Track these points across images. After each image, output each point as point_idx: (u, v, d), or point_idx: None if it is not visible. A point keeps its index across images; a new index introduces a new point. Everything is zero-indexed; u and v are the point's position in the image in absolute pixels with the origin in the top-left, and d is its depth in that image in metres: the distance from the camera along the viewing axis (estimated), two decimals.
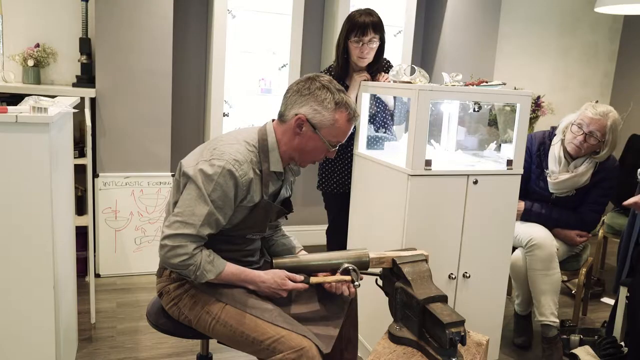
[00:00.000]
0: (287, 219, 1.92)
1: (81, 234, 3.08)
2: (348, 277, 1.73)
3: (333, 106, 1.67)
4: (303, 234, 3.98)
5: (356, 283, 1.72)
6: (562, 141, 2.73)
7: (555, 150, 2.74)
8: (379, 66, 2.63)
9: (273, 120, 1.78)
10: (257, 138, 1.73)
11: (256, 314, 1.65)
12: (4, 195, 1.69)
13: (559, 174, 2.71)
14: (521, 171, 2.39)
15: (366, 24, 2.51)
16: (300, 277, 1.71)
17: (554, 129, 2.84)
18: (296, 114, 1.68)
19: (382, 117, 2.72)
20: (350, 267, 1.74)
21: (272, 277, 1.69)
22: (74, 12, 3.39)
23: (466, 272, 2.35)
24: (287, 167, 1.79)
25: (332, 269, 1.78)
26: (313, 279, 1.73)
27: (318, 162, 1.79)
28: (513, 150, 2.36)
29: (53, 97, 2.21)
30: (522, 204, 2.76)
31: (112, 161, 3.35)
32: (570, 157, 2.72)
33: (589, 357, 2.45)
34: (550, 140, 2.80)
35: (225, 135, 1.77)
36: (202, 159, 1.64)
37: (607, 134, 2.60)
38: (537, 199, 2.81)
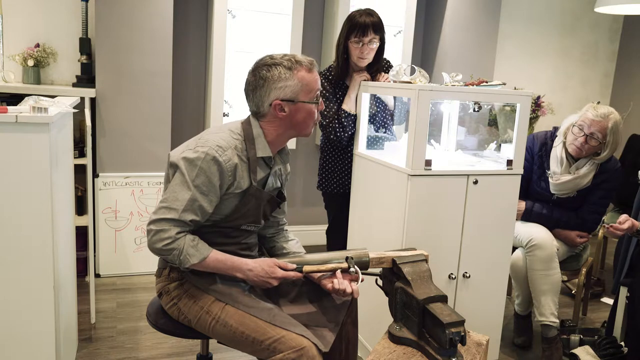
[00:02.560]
0: (280, 207, 1.92)
1: (81, 234, 3.08)
2: (344, 264, 1.71)
3: (289, 73, 1.68)
4: (303, 234, 3.98)
5: (352, 269, 1.70)
6: (564, 142, 2.73)
7: (557, 151, 2.74)
8: (379, 66, 2.63)
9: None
10: (241, 127, 1.75)
11: (256, 314, 1.65)
12: (4, 195, 1.69)
13: (560, 175, 2.71)
14: (521, 171, 2.39)
15: (366, 25, 2.51)
16: (292, 266, 1.70)
17: (556, 129, 2.83)
18: (270, 104, 1.70)
19: (382, 117, 2.72)
20: (350, 260, 1.73)
21: (259, 264, 1.67)
22: (74, 12, 3.39)
23: (466, 272, 2.35)
24: (275, 155, 1.80)
25: (332, 269, 1.78)
26: (307, 267, 1.70)
27: (317, 122, 1.83)
28: (513, 150, 2.36)
29: (53, 97, 2.21)
30: (523, 204, 2.76)
31: (112, 161, 3.35)
32: (572, 159, 2.72)
33: (589, 357, 2.45)
34: (553, 141, 2.80)
35: (212, 127, 1.81)
36: (187, 149, 1.68)
37: (607, 135, 2.60)
38: (538, 199, 2.81)
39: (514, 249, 2.72)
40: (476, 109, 2.39)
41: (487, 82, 2.35)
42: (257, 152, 1.72)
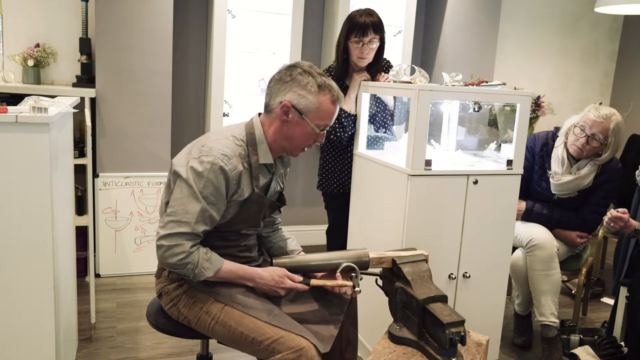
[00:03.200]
0: (280, 212, 1.92)
1: (81, 234, 3.08)
2: (350, 283, 1.73)
3: (316, 89, 1.67)
4: (303, 234, 3.98)
5: (357, 289, 1.72)
6: (565, 143, 2.73)
7: (558, 152, 2.74)
8: (379, 66, 2.63)
9: (260, 114, 1.79)
10: (244, 132, 1.74)
11: (255, 315, 1.65)
12: (4, 195, 1.69)
13: (561, 176, 2.71)
14: (521, 171, 2.39)
15: (366, 24, 2.51)
16: (299, 277, 1.72)
17: (557, 129, 2.83)
18: (281, 102, 1.68)
19: (382, 117, 2.72)
20: (352, 267, 1.74)
21: (270, 274, 1.69)
22: (74, 12, 3.39)
23: (466, 272, 2.35)
24: (277, 159, 1.80)
25: (332, 269, 1.78)
26: (314, 281, 1.73)
27: (308, 149, 1.79)
28: (513, 150, 2.36)
29: (53, 97, 2.21)
30: (523, 204, 2.76)
31: (112, 161, 3.35)
32: (573, 159, 2.72)
33: (589, 357, 2.45)
34: (554, 141, 2.80)
35: (214, 132, 1.78)
36: (191, 157, 1.65)
37: (609, 136, 2.60)
38: (538, 200, 2.81)
39: (514, 249, 2.72)
40: (476, 109, 2.39)
41: (487, 82, 2.35)
42: (260, 159, 1.72)
